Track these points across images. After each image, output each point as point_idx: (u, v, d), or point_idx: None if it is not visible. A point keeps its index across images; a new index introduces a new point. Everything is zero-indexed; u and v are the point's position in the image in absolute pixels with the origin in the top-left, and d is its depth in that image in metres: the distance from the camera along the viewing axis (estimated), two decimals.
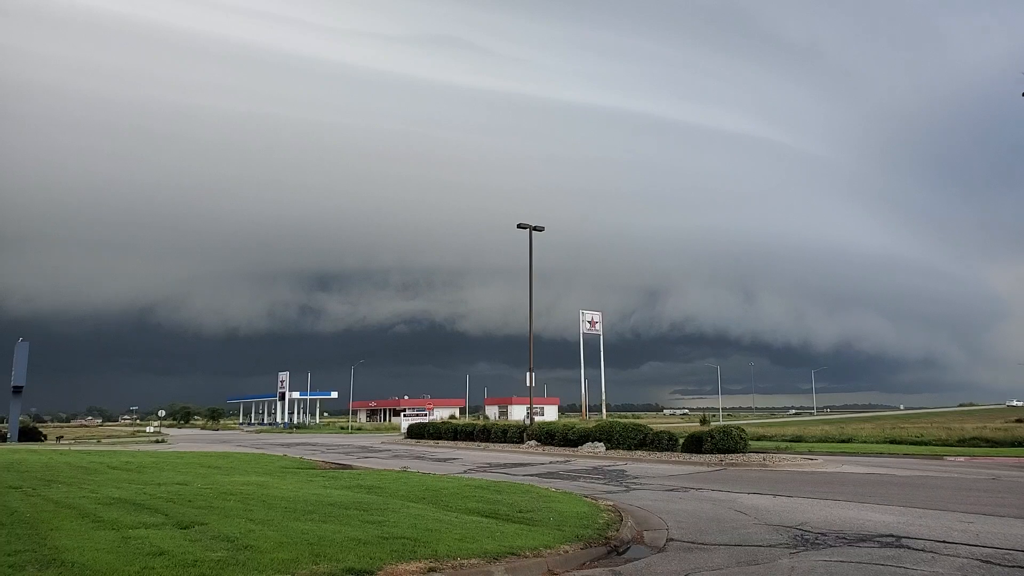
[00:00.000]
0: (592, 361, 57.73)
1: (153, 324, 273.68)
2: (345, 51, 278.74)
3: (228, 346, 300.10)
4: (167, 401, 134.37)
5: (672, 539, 9.48)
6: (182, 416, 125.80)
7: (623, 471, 20.57)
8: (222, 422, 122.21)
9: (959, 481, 16.85)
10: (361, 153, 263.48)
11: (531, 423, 35.94)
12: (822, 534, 9.59)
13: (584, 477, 18.81)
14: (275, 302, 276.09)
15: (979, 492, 14.46)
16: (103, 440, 54.02)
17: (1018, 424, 43.45)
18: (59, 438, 54.77)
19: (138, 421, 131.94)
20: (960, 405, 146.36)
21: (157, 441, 51.71)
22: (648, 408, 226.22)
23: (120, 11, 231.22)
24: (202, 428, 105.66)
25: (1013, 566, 7.54)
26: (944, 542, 8.89)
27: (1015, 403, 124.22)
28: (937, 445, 30.05)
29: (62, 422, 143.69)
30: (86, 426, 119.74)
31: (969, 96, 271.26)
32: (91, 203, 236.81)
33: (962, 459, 23.95)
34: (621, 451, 27.48)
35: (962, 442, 30.21)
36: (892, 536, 9.34)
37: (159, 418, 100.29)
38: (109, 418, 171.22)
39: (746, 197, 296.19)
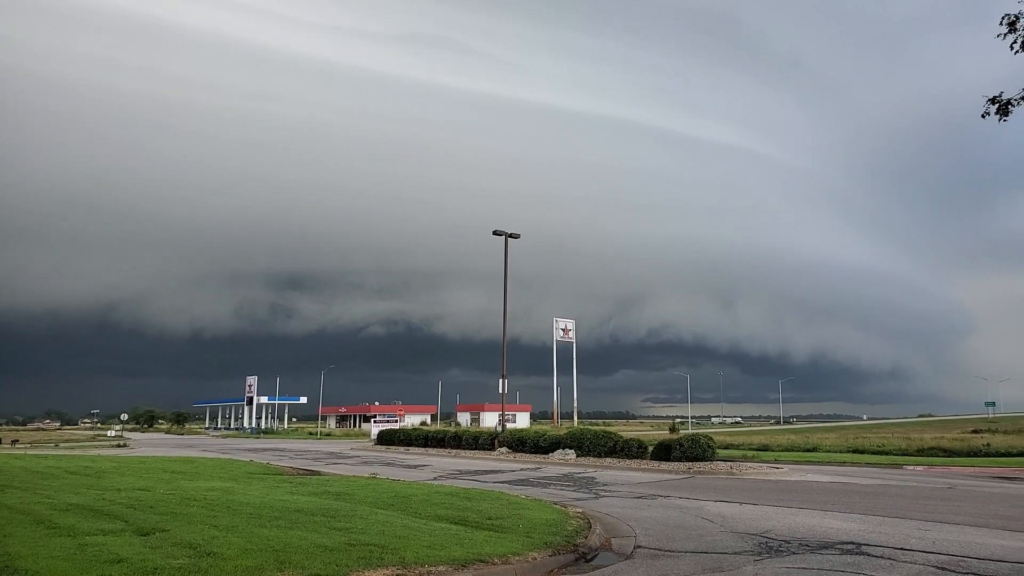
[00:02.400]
0: (565, 368, 58.00)
1: (116, 323, 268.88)
2: (329, 48, 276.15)
3: (195, 348, 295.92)
4: (130, 404, 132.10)
5: (640, 546, 9.56)
6: (146, 420, 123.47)
7: (593, 478, 20.66)
8: (188, 426, 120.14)
9: (918, 490, 17.21)
10: (342, 152, 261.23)
11: (503, 430, 35.91)
12: (786, 541, 9.74)
13: (554, 484, 18.86)
14: (245, 303, 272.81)
15: (936, 500, 14.78)
16: (61, 444, 52.76)
17: (974, 435, 44.48)
18: (14, 442, 53.36)
19: (99, 425, 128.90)
20: (920, 416, 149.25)
21: (119, 445, 50.66)
22: (619, 416, 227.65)
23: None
24: (167, 432, 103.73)
25: (967, 573, 7.73)
26: (902, 549, 9.08)
27: None
28: (898, 455, 30.62)
29: (18, 425, 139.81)
30: (43, 429, 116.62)
31: (943, 115, 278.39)
32: (52, 195, 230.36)
33: (921, 468, 24.46)
34: (591, 458, 27.58)
35: (921, 452, 30.81)
36: (853, 543, 9.52)
37: (121, 422, 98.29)
38: (68, 421, 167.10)
39: (729, 207, 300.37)
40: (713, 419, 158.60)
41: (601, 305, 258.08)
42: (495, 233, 38.41)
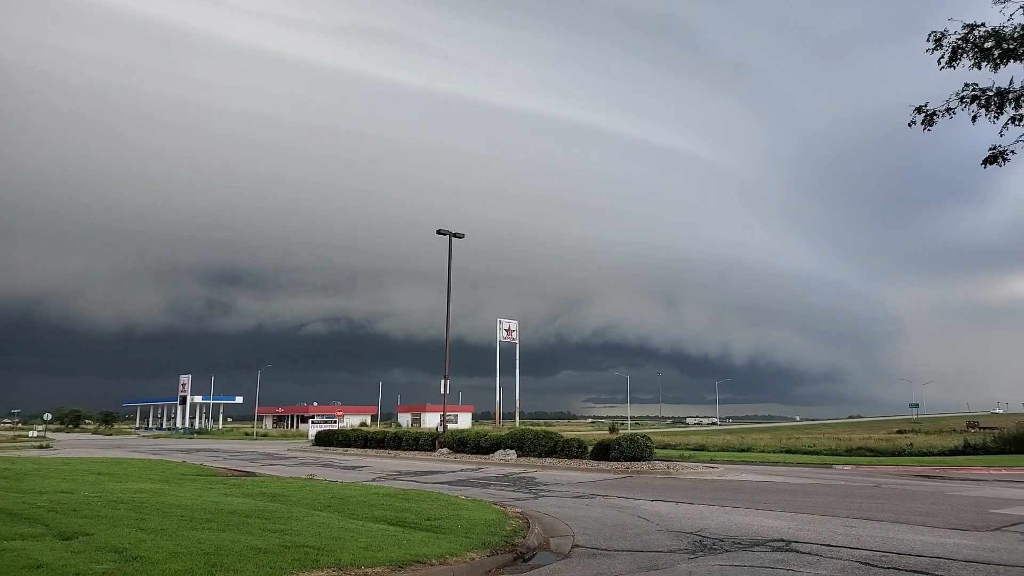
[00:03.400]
0: (509, 369, 58.18)
1: (40, 318, 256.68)
2: (272, 37, 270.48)
3: (125, 345, 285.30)
4: (54, 404, 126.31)
5: (577, 545, 9.64)
6: (71, 420, 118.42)
7: (533, 478, 20.75)
8: (117, 427, 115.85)
9: (845, 488, 17.84)
10: (283, 144, 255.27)
11: (443, 431, 35.75)
12: (719, 539, 9.96)
13: (494, 484, 18.87)
14: (179, 299, 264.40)
15: (862, 499, 15.36)
16: None
17: (899, 435, 46.43)
18: None
19: (20, 425, 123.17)
20: (849, 417, 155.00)
21: (41, 446, 48.45)
22: (560, 416, 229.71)
23: None
24: (94, 433, 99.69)
25: (888, 567, 8.05)
26: (829, 545, 9.39)
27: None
28: (828, 454, 31.64)
29: None
30: None
31: (881, 128, 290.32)
32: None
33: (849, 467, 25.36)
34: (532, 458, 27.71)
35: (850, 452, 31.92)
36: (783, 541, 9.80)
37: (44, 422, 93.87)
38: None
39: (676, 210, 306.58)
40: (689, 420, 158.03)
41: (548, 304, 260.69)
42: (439, 232, 38.14)
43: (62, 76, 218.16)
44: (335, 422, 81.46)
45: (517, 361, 57.85)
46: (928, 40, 10.31)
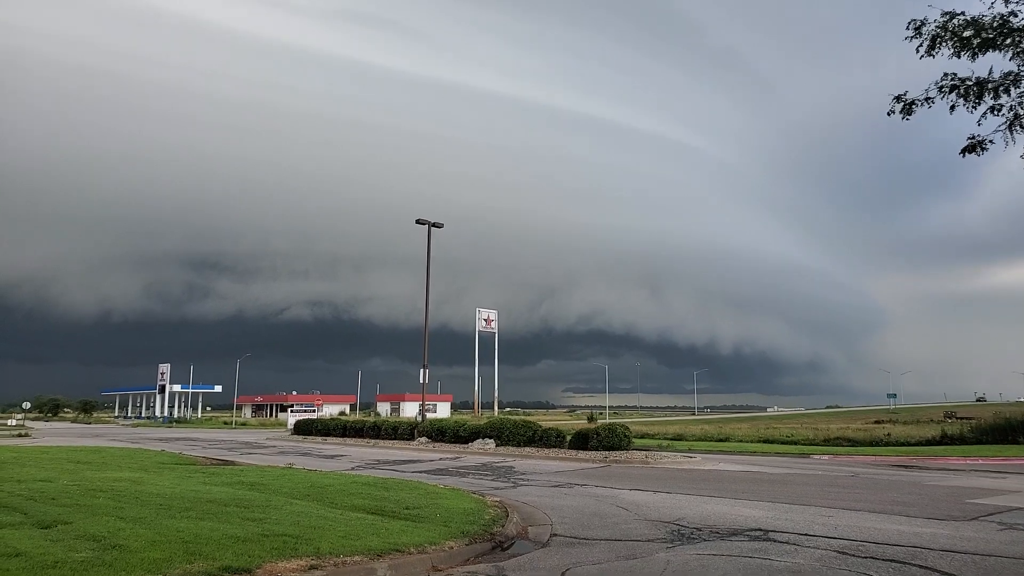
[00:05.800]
0: (488, 358, 58.22)
1: (16, 304, 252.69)
2: (257, 20, 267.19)
3: (103, 332, 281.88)
4: (32, 392, 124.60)
5: (556, 534, 9.70)
6: (50, 408, 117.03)
7: (512, 467, 20.82)
8: (95, 415, 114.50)
9: (823, 478, 18.06)
10: (266, 130, 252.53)
11: (423, 420, 35.74)
12: (697, 529, 10.06)
13: (473, 473, 18.92)
14: (156, 283, 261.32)
15: (839, 488, 15.55)
16: None
17: (876, 425, 47.01)
18: None
19: None
20: (827, 407, 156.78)
21: (20, 435, 47.84)
22: (539, 405, 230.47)
23: None
24: (72, 421, 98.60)
25: (865, 556, 8.18)
26: (806, 535, 9.51)
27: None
28: (805, 444, 32.01)
29: None
30: None
31: (864, 118, 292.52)
32: None
33: (826, 457, 25.67)
34: (511, 448, 27.79)
35: (827, 442, 32.32)
36: (760, 530, 9.91)
37: (23, 410, 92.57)
38: None
39: (661, 197, 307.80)
40: (768, 409, 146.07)
41: (532, 291, 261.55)
42: (418, 222, 37.63)
43: (41, 59, 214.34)
44: (314, 411, 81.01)
45: (496, 350, 58.03)
46: (908, 28, 10.31)
